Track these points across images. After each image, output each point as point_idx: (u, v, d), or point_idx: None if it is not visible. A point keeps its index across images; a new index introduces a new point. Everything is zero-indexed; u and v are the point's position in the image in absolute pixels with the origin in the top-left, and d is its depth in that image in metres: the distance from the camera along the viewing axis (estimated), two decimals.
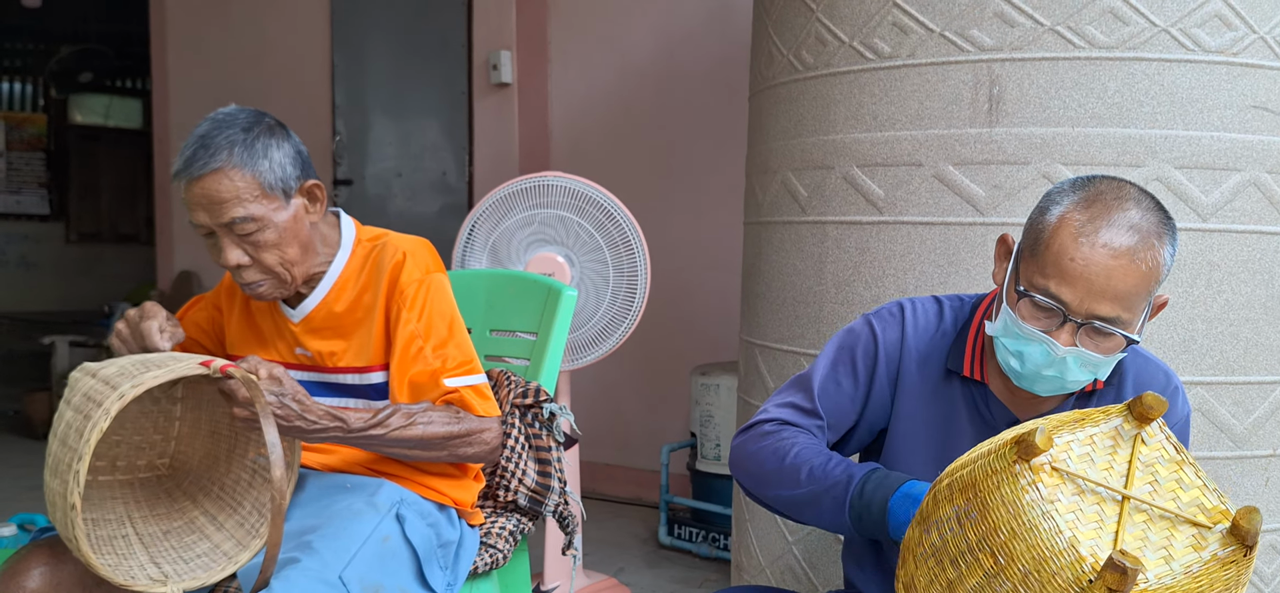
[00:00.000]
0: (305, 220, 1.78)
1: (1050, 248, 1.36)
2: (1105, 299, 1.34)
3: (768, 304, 2.61)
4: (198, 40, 6.31)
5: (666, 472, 3.94)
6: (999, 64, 2.19)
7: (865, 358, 1.59)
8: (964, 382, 1.55)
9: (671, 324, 4.33)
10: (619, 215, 2.93)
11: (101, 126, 9.66)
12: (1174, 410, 1.54)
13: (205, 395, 1.73)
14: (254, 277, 1.76)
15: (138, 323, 1.71)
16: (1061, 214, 1.37)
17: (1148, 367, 1.55)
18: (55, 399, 5.87)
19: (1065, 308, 1.35)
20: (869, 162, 2.33)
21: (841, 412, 1.59)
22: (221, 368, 1.48)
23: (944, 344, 1.57)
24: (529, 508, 2.05)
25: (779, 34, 2.57)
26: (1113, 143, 2.14)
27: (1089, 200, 1.36)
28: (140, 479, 1.71)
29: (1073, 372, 1.39)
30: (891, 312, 1.60)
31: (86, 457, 1.38)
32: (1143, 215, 1.35)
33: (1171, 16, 2.13)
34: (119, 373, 1.45)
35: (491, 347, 2.26)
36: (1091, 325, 1.35)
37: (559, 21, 4.69)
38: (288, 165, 1.74)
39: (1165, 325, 2.15)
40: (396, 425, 1.70)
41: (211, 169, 1.68)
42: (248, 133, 1.71)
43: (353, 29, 5.41)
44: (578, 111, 4.67)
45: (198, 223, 1.73)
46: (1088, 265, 1.33)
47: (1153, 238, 1.34)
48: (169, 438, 1.74)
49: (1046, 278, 1.36)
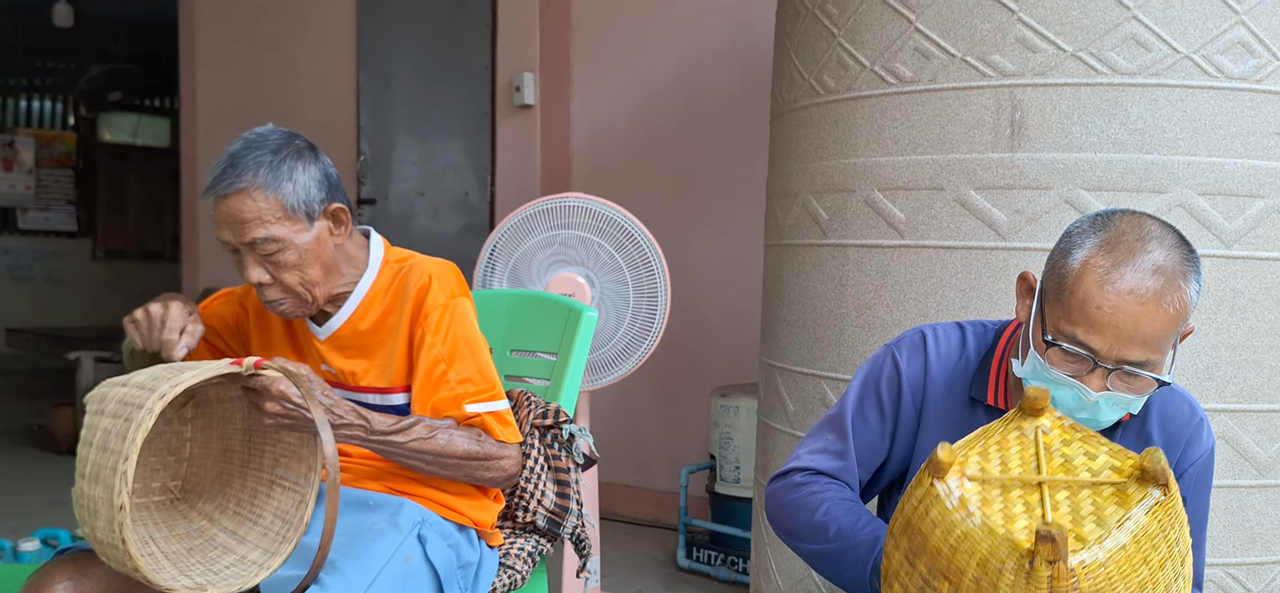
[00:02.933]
0: (329, 242, 1.80)
1: (1075, 295, 1.35)
2: (1135, 345, 1.32)
3: (788, 327, 2.61)
4: (225, 61, 6.38)
5: (685, 494, 3.94)
6: (1021, 89, 2.19)
7: (890, 390, 1.58)
8: (989, 411, 1.55)
9: (691, 346, 4.33)
10: (639, 236, 2.94)
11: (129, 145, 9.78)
12: (1198, 444, 1.52)
13: (215, 414, 1.74)
14: (275, 295, 1.78)
15: (159, 326, 1.71)
16: (1084, 259, 1.35)
17: (1173, 398, 1.54)
18: (79, 415, 5.91)
19: (1095, 355, 1.34)
20: (890, 185, 2.33)
21: (872, 448, 1.59)
22: (255, 363, 1.50)
23: (968, 373, 1.56)
24: (547, 529, 2.05)
25: (800, 58, 2.58)
26: (1135, 169, 2.14)
27: (1111, 244, 1.35)
28: (154, 502, 1.72)
29: (1105, 412, 1.38)
30: (914, 341, 1.59)
31: (133, 457, 1.38)
32: (1166, 254, 1.33)
33: (1194, 43, 2.13)
34: (153, 378, 1.47)
35: (512, 367, 2.27)
36: (1121, 370, 1.34)
37: (582, 45, 4.72)
38: (312, 188, 1.76)
39: (1188, 353, 2.14)
40: (418, 435, 1.72)
41: (236, 189, 1.70)
42: (276, 155, 1.73)
43: (379, 51, 5.46)
44: (599, 133, 4.69)
45: (224, 240, 1.76)
46: (1115, 312, 1.32)
47: (1178, 279, 1.33)
48: (181, 459, 1.74)
49: (1073, 325, 1.35)
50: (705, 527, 3.92)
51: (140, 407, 1.41)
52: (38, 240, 9.18)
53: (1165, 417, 1.52)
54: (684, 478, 3.95)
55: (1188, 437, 1.52)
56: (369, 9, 5.47)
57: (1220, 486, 2.15)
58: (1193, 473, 1.53)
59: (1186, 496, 1.50)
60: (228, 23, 6.35)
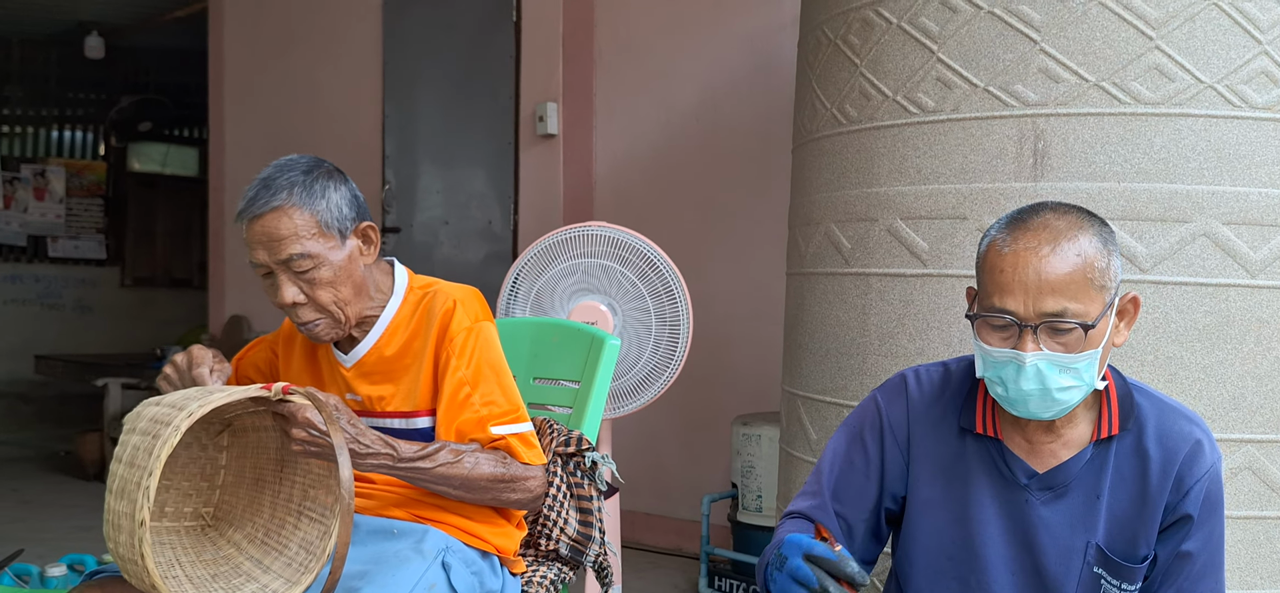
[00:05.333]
0: (360, 262, 1.83)
1: (985, 270, 1.47)
2: (1044, 294, 1.41)
3: (810, 355, 2.61)
4: (253, 92, 6.46)
5: (707, 523, 3.93)
6: (1043, 119, 2.19)
7: (872, 432, 1.64)
8: (978, 439, 1.57)
9: (713, 374, 4.33)
10: (661, 264, 2.95)
11: (158, 174, 9.89)
12: (1199, 462, 1.51)
13: (250, 442, 1.76)
14: (310, 316, 1.80)
15: (187, 370, 1.75)
16: (990, 242, 1.48)
17: (1172, 417, 1.54)
18: (107, 441, 5.96)
19: (1015, 316, 1.42)
20: (913, 214, 2.34)
21: (858, 489, 1.63)
22: (283, 388, 1.53)
23: (955, 404, 1.60)
24: (570, 557, 2.06)
25: (823, 88, 2.59)
26: (1159, 198, 2.13)
27: (1011, 222, 1.48)
28: (186, 528, 1.74)
29: (1053, 379, 1.43)
30: (895, 385, 1.66)
31: (156, 472, 1.40)
32: (1057, 216, 1.45)
33: (1217, 73, 2.12)
34: (184, 398, 1.49)
35: (535, 394, 2.28)
36: (1047, 326, 1.42)
37: (605, 75, 4.75)
38: (344, 206, 1.79)
39: (1214, 382, 2.12)
40: (444, 461, 1.73)
41: (272, 207, 1.73)
42: (308, 175, 1.77)
43: (404, 81, 5.52)
44: (621, 162, 4.72)
45: (257, 262, 1.78)
46: (1016, 267, 1.42)
47: (1073, 230, 1.43)
48: (214, 486, 1.76)
49: (989, 296, 1.45)
50: (727, 556, 3.91)
51: (168, 424, 1.43)
52: (68, 268, 9.28)
53: (1162, 432, 1.52)
54: (706, 507, 3.94)
55: (1187, 453, 1.51)
56: (395, 41, 5.53)
57: (1247, 517, 2.13)
58: (1197, 492, 1.50)
59: (1193, 515, 1.50)
60: (256, 54, 6.43)
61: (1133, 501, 1.51)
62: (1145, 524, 1.51)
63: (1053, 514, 1.53)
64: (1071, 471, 1.52)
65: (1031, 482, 1.53)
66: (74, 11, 8.10)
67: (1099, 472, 1.52)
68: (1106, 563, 1.51)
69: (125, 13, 8.08)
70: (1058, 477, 1.53)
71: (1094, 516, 1.51)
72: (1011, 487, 1.54)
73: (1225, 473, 2.13)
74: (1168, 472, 1.50)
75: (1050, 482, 1.53)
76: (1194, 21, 2.12)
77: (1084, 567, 1.51)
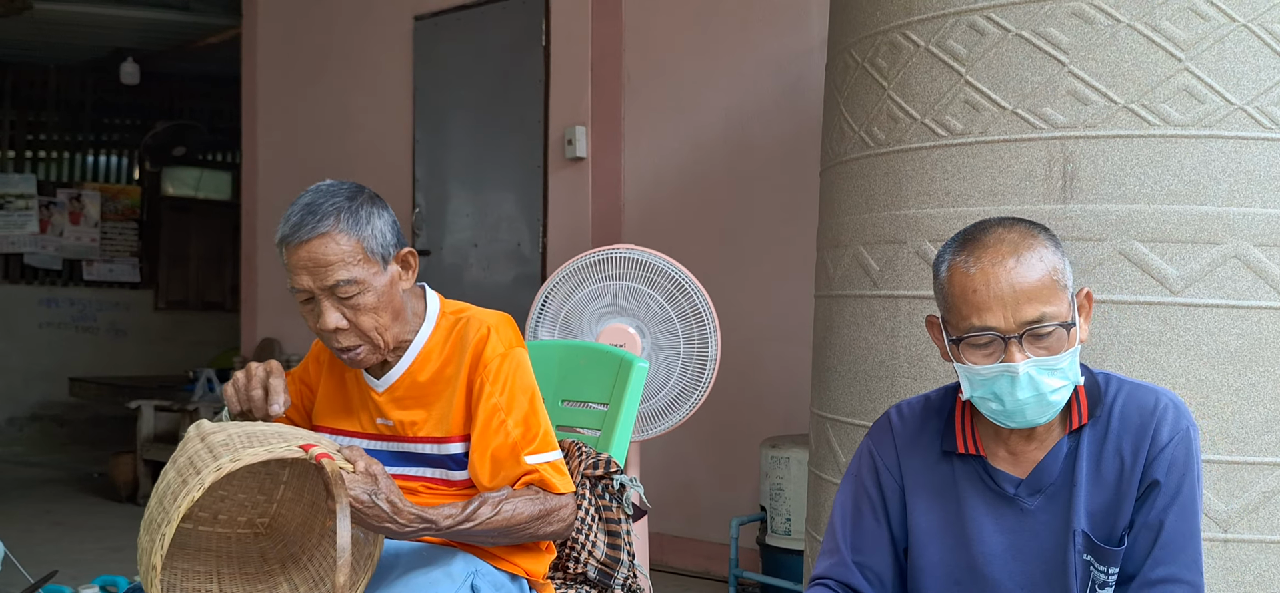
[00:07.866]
0: (399, 287, 1.84)
1: (954, 294, 1.50)
2: (1022, 303, 1.45)
3: (839, 378, 2.60)
4: (286, 116, 6.54)
5: (736, 546, 3.92)
6: (1072, 141, 2.19)
7: (870, 475, 1.67)
8: (962, 459, 1.60)
9: (741, 396, 4.33)
10: (690, 287, 2.96)
11: (191, 198, 10.01)
12: (1163, 428, 1.51)
13: (312, 469, 1.77)
14: (350, 341, 1.81)
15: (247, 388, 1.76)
16: (949, 266, 1.52)
17: (1136, 392, 1.56)
18: (139, 463, 6.03)
19: (998, 330, 1.46)
20: (941, 237, 2.33)
21: (873, 534, 1.66)
22: (317, 457, 1.52)
23: (938, 430, 1.63)
24: (598, 581, 2.06)
25: (850, 110, 2.59)
26: (1189, 220, 2.12)
27: (962, 243, 1.52)
28: (238, 535, 1.76)
29: (1044, 383, 1.46)
30: (881, 425, 1.70)
31: (174, 522, 1.43)
32: (1008, 229, 1.50)
33: (1247, 94, 2.11)
34: (224, 443, 1.50)
35: (563, 417, 2.29)
36: (1029, 334, 1.45)
37: (633, 98, 4.78)
38: (387, 232, 1.81)
39: (1246, 405, 2.10)
40: (484, 515, 1.74)
41: (319, 233, 1.74)
42: (352, 201, 1.78)
43: (435, 106, 5.57)
44: (650, 185, 4.73)
45: (299, 288, 1.78)
46: (989, 284, 1.46)
47: (1028, 238, 1.49)
48: (272, 500, 1.77)
49: (967, 317, 1.48)
50: (756, 579, 3.89)
51: (198, 473, 1.46)
52: (102, 292, 9.38)
53: (1127, 411, 1.54)
54: (734, 530, 3.93)
55: (1155, 424, 1.52)
56: (426, 66, 5.59)
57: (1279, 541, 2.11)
58: (1166, 458, 1.50)
59: (1161, 480, 1.50)
60: (289, 80, 6.51)
61: (1110, 483, 1.53)
62: (1123, 502, 1.53)
63: (1044, 515, 1.55)
64: (1051, 468, 1.55)
65: (1018, 490, 1.57)
66: (110, 38, 8.23)
67: (1075, 462, 1.55)
68: (1093, 549, 1.53)
69: (160, 39, 8.20)
70: (1040, 477, 1.56)
71: (1076, 505, 1.53)
72: (1001, 500, 1.57)
73: (1257, 496, 2.11)
74: (1141, 445, 1.52)
75: (1035, 484, 1.56)
76: (1223, 43, 2.11)
77: (1075, 556, 1.52)
